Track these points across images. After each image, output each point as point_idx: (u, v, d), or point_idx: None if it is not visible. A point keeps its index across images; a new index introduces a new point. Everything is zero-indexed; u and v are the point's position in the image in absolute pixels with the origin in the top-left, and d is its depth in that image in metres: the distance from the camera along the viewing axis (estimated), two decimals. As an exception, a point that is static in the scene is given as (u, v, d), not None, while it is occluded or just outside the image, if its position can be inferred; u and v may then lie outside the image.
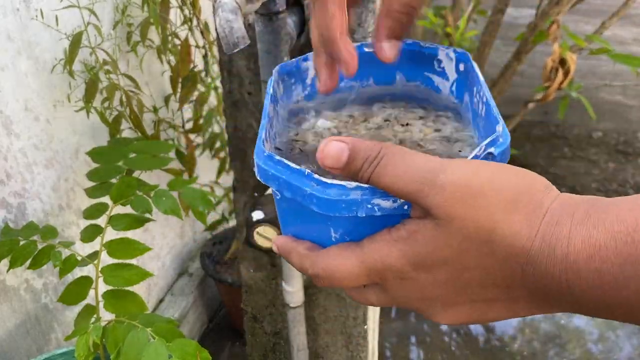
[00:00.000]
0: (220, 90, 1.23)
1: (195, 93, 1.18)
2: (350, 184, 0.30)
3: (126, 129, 1.04)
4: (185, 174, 1.20)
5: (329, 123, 0.44)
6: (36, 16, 0.88)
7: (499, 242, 0.26)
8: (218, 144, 1.32)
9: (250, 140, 0.83)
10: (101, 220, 0.83)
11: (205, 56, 1.19)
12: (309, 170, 0.32)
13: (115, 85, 0.98)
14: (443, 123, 0.43)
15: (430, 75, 0.46)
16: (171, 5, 1.07)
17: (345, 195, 0.30)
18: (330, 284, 0.31)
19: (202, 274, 1.47)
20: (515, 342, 1.45)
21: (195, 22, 1.14)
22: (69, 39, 0.91)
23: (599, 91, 2.52)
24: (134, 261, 0.78)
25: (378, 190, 0.30)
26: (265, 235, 0.66)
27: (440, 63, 0.44)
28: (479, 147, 0.31)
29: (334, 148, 0.29)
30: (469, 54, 0.43)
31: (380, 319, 1.30)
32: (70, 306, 0.79)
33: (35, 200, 0.93)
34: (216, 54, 1.19)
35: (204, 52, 1.19)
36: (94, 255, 0.79)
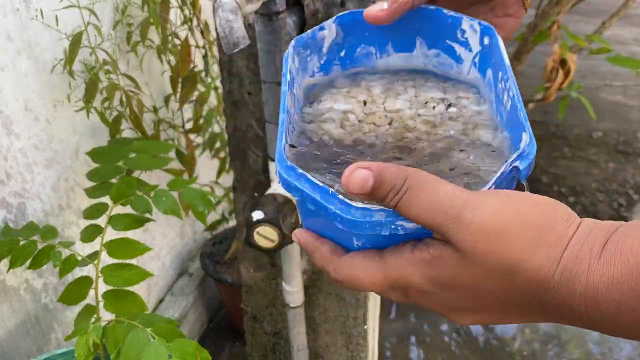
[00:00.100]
0: (220, 90, 1.23)
1: (195, 93, 1.18)
2: (374, 206, 0.31)
3: (126, 129, 1.04)
4: (185, 174, 1.20)
5: (344, 106, 0.43)
6: (36, 16, 0.88)
7: (521, 275, 0.28)
8: (218, 144, 1.32)
9: (250, 140, 0.83)
10: (101, 220, 0.83)
11: (205, 56, 1.19)
12: (331, 186, 0.32)
13: (115, 85, 0.98)
14: (464, 106, 0.42)
15: (452, 44, 0.44)
16: (171, 5, 1.07)
17: (370, 217, 0.31)
18: (352, 288, 0.33)
19: (202, 274, 1.47)
20: (515, 342, 1.45)
21: (195, 22, 1.14)
22: (69, 39, 0.91)
23: (599, 91, 2.52)
24: (134, 261, 0.78)
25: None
26: (265, 235, 0.66)
27: (463, 33, 0.42)
28: (505, 164, 0.32)
29: (360, 176, 0.30)
30: (494, 29, 0.40)
31: (380, 318, 1.30)
32: (70, 306, 0.79)
33: (35, 200, 0.93)
34: (216, 54, 1.19)
35: (204, 52, 1.19)
36: (94, 255, 0.79)
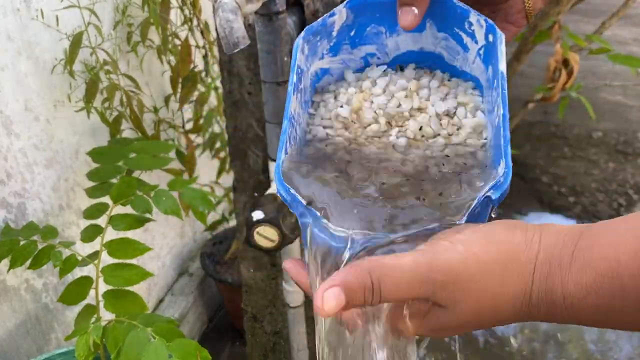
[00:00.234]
0: (220, 90, 1.23)
1: (196, 93, 1.18)
2: (355, 233, 0.34)
3: (126, 129, 1.05)
4: (186, 174, 1.20)
5: (344, 111, 0.45)
6: (36, 16, 0.88)
7: (502, 308, 0.31)
8: (218, 144, 1.32)
9: (251, 140, 0.83)
10: (101, 220, 0.83)
11: (205, 56, 1.19)
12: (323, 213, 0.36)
13: (116, 86, 0.98)
14: (463, 104, 0.44)
15: (459, 32, 0.44)
16: (171, 6, 1.07)
17: (352, 243, 0.34)
18: None
19: (202, 274, 1.47)
20: (515, 342, 1.45)
21: (195, 22, 1.14)
22: (69, 39, 0.91)
23: (599, 91, 2.52)
24: (134, 261, 0.78)
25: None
26: (266, 235, 0.65)
27: (470, 25, 0.43)
28: (479, 196, 0.35)
29: (330, 297, 0.30)
30: (498, 30, 0.41)
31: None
32: (70, 306, 0.79)
33: (36, 200, 0.93)
34: (216, 54, 1.19)
35: (204, 52, 1.19)
36: (94, 255, 0.79)
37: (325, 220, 0.35)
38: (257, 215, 0.62)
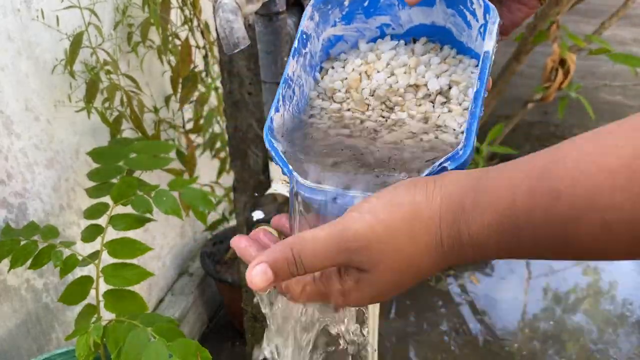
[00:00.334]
0: (220, 90, 1.23)
1: (196, 93, 1.18)
2: (322, 187, 0.39)
3: (127, 129, 1.05)
4: (186, 174, 1.20)
5: (358, 62, 0.48)
6: (37, 16, 0.88)
7: (420, 261, 0.34)
8: (218, 144, 1.32)
9: (251, 140, 0.83)
10: (102, 220, 0.83)
11: (205, 56, 1.19)
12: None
13: (116, 86, 0.98)
14: (455, 82, 0.46)
15: (464, 10, 0.46)
16: (172, 6, 1.07)
17: (319, 194, 0.40)
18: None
19: (203, 274, 1.47)
20: (515, 342, 1.45)
21: (195, 23, 1.14)
22: (69, 40, 0.91)
23: (598, 91, 2.52)
24: (135, 261, 0.78)
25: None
26: (266, 235, 0.66)
27: (472, 4, 0.45)
28: (433, 165, 0.38)
29: (258, 272, 0.34)
30: (491, 11, 0.42)
31: (379, 318, 1.30)
32: (70, 306, 0.79)
33: (36, 200, 0.93)
34: (216, 54, 1.19)
35: (204, 53, 1.19)
36: (95, 255, 0.79)
37: (295, 175, 0.40)
38: (257, 215, 0.62)
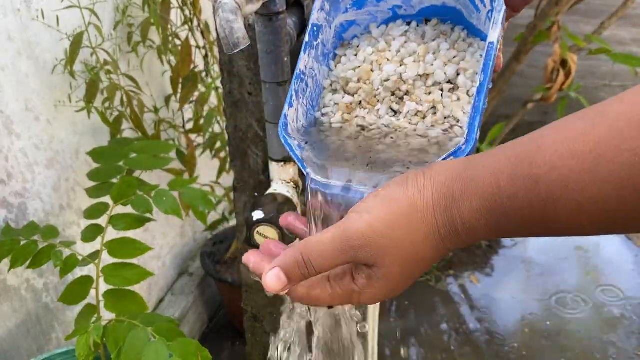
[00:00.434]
0: (220, 90, 1.23)
1: (196, 93, 1.18)
2: (332, 182, 0.42)
3: (127, 129, 1.05)
4: (186, 174, 1.20)
5: (369, 51, 0.50)
6: (37, 16, 0.88)
7: (423, 250, 0.37)
8: (218, 144, 1.32)
9: (251, 140, 0.83)
10: (102, 220, 0.83)
11: (205, 56, 1.20)
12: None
13: (116, 86, 0.98)
14: (463, 70, 0.47)
15: None
16: (172, 6, 1.07)
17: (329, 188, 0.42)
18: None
19: (203, 274, 1.47)
20: (515, 342, 1.45)
21: (195, 23, 1.14)
22: (69, 40, 0.91)
23: (598, 91, 2.52)
24: (135, 261, 0.78)
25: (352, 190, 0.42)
26: (266, 235, 0.66)
27: None
28: (434, 161, 0.39)
29: (272, 278, 0.37)
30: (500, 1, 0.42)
31: (379, 318, 1.30)
32: (71, 306, 0.79)
33: (36, 200, 0.93)
34: (216, 54, 1.19)
35: (204, 53, 1.19)
36: (95, 255, 0.79)
37: (309, 170, 0.43)
38: (257, 215, 0.62)
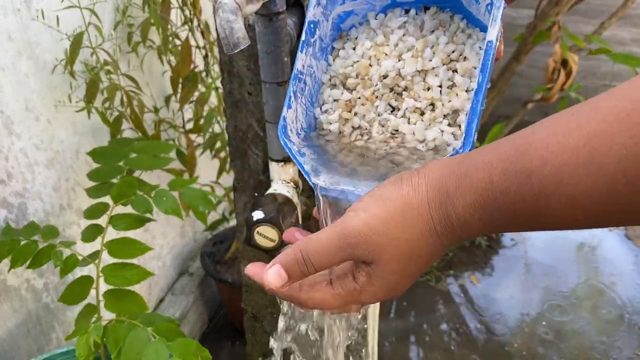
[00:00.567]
0: (220, 90, 1.23)
1: (196, 93, 1.18)
2: (331, 187, 0.43)
3: (127, 129, 1.05)
4: (186, 174, 1.20)
5: (367, 45, 0.50)
6: (37, 16, 0.88)
7: (419, 247, 0.37)
8: (218, 144, 1.32)
9: (251, 140, 0.83)
10: (102, 220, 0.83)
11: (205, 56, 1.20)
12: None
13: (116, 86, 0.98)
14: (468, 64, 0.47)
15: None
16: (172, 6, 1.07)
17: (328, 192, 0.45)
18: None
19: (203, 274, 1.47)
20: (515, 342, 1.45)
21: (195, 23, 1.14)
22: (69, 40, 0.91)
23: (598, 91, 2.51)
24: (135, 261, 0.78)
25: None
26: (266, 235, 0.66)
27: None
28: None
29: (272, 275, 0.38)
30: None
31: (379, 318, 1.30)
32: (71, 306, 0.79)
33: (36, 200, 0.93)
34: (217, 54, 1.19)
35: (204, 53, 1.19)
36: (95, 254, 0.79)
37: (310, 174, 0.43)
38: (257, 215, 0.62)
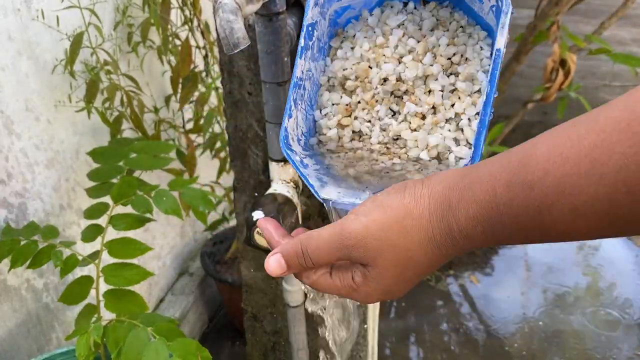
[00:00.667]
0: (220, 90, 1.23)
1: (196, 93, 1.18)
2: (333, 199, 0.44)
3: (127, 129, 1.05)
4: (186, 174, 1.20)
5: (366, 47, 0.49)
6: (37, 16, 0.88)
7: (417, 255, 0.37)
8: (218, 144, 1.32)
9: (251, 140, 0.83)
10: (102, 220, 0.83)
11: (205, 56, 1.20)
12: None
13: (116, 86, 0.98)
14: (469, 68, 0.46)
15: None
16: (172, 6, 1.07)
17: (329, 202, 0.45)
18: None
19: (203, 274, 1.47)
20: (515, 342, 1.45)
21: (195, 23, 1.14)
22: (69, 40, 0.91)
23: (598, 91, 2.52)
24: (135, 261, 0.78)
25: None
26: (266, 235, 0.66)
27: None
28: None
29: (273, 262, 0.40)
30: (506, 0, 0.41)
31: (379, 318, 1.30)
32: (71, 306, 0.79)
33: (36, 200, 0.93)
34: (217, 54, 1.19)
35: (204, 53, 1.19)
36: (95, 254, 0.79)
37: (314, 186, 0.44)
38: (257, 215, 0.62)
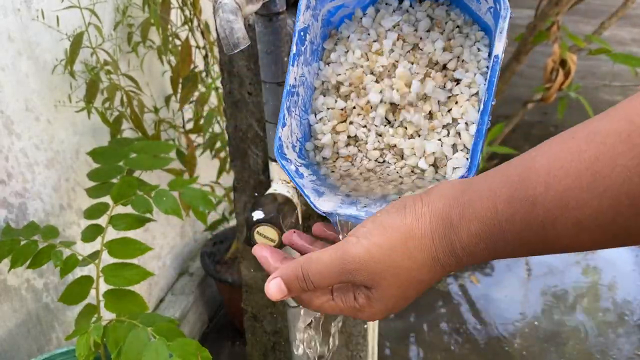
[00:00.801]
0: (220, 90, 1.23)
1: (196, 93, 1.18)
2: (329, 210, 0.44)
3: (127, 129, 1.05)
4: (186, 174, 1.20)
5: (358, 54, 0.48)
6: (37, 16, 0.88)
7: (420, 274, 0.37)
8: (218, 144, 1.32)
9: (251, 140, 0.83)
10: (102, 220, 0.83)
11: (205, 57, 1.20)
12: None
13: (116, 86, 0.98)
14: (464, 60, 0.45)
15: None
16: (172, 6, 1.07)
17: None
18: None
19: (203, 274, 1.47)
20: (515, 342, 1.45)
21: (195, 23, 1.14)
22: (69, 40, 0.91)
23: (598, 91, 2.52)
24: (135, 261, 0.78)
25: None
26: (266, 235, 0.66)
27: None
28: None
29: (273, 287, 0.40)
30: (504, 3, 0.40)
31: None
32: (71, 306, 0.79)
33: (36, 200, 0.93)
34: (217, 54, 1.19)
35: (204, 53, 1.19)
36: (95, 254, 0.79)
37: (311, 198, 0.44)
38: (257, 215, 0.62)
